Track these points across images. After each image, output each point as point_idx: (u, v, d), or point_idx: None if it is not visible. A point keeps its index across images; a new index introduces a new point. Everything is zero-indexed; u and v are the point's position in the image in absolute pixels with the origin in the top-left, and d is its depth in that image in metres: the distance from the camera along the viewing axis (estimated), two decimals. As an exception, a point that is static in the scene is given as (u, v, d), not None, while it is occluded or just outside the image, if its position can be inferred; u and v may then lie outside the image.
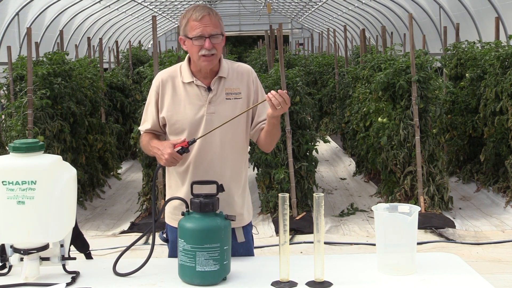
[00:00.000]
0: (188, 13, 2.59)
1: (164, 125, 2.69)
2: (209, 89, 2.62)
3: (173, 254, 2.60)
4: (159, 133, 2.73)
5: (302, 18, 25.17)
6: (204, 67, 2.61)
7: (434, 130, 6.70)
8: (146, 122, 2.73)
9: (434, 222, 5.93)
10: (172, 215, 2.70)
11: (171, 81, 2.66)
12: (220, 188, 2.33)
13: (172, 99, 2.64)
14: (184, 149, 2.48)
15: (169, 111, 2.64)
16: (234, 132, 2.64)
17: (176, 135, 2.63)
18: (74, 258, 2.36)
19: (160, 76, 2.70)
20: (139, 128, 2.79)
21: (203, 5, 2.64)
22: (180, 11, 22.24)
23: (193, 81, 2.63)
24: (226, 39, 2.75)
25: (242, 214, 2.71)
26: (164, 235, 2.71)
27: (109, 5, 15.43)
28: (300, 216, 6.18)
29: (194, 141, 2.51)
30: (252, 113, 2.71)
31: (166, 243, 2.74)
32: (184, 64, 2.68)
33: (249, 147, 5.79)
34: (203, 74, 2.64)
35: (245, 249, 2.70)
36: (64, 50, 8.76)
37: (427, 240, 5.51)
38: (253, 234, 2.85)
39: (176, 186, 2.70)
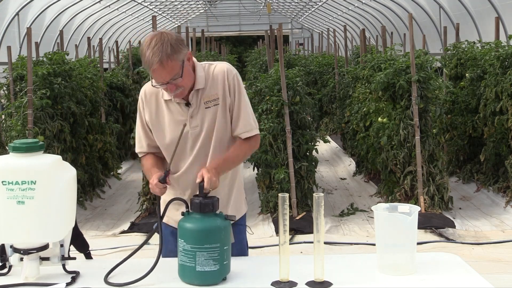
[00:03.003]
0: (143, 52, 2.42)
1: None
2: (188, 104, 2.58)
3: (165, 252, 2.51)
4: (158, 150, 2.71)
5: (302, 18, 25.14)
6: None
7: (434, 130, 6.70)
8: (142, 146, 2.71)
9: (434, 222, 5.93)
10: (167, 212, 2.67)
11: (155, 97, 2.63)
12: (200, 189, 2.30)
13: (156, 118, 2.62)
14: (164, 178, 2.43)
15: (156, 131, 2.63)
16: (221, 138, 2.60)
17: (166, 150, 2.64)
18: (74, 258, 2.36)
19: (143, 92, 2.65)
20: (136, 151, 2.75)
21: (155, 45, 2.38)
22: (180, 11, 22.25)
23: (171, 99, 2.58)
24: (226, 39, 2.70)
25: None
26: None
27: (109, 5, 15.41)
28: (300, 216, 6.18)
29: (168, 171, 2.45)
30: (230, 119, 2.62)
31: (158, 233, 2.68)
32: None
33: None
34: None
35: (238, 249, 2.65)
36: (64, 50, 8.76)
37: (427, 240, 5.51)
38: (250, 235, 2.82)
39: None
